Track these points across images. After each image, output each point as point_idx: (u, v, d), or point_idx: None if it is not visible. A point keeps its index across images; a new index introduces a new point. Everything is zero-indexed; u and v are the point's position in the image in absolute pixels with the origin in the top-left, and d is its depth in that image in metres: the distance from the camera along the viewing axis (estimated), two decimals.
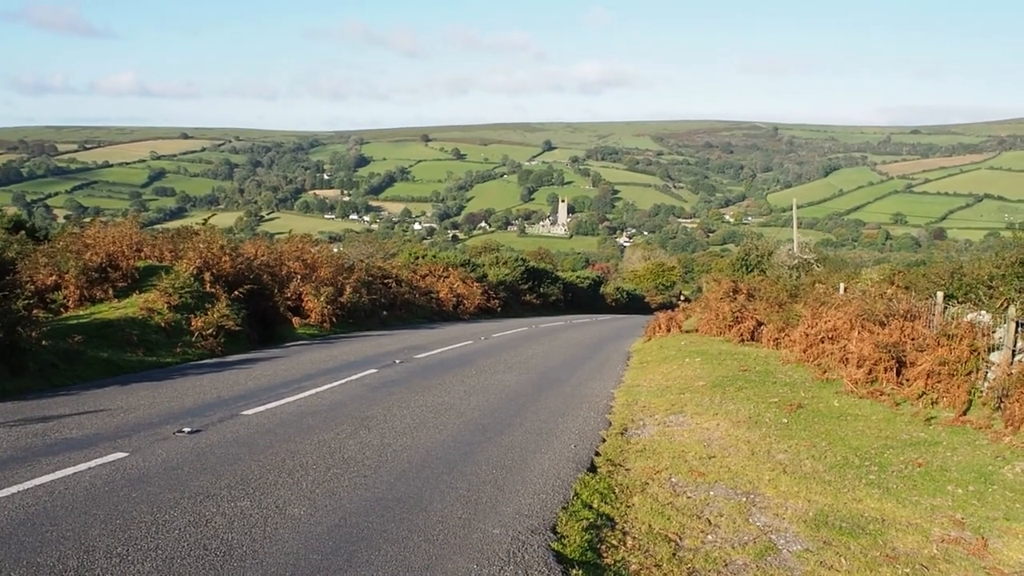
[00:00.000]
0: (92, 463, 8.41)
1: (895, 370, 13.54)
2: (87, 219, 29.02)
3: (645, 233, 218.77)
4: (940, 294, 14.87)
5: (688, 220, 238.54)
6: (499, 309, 44.16)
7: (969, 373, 12.20)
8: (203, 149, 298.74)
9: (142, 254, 22.19)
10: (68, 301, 18.92)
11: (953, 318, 13.68)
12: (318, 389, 13.60)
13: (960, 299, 15.76)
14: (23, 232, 24.01)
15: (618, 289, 71.27)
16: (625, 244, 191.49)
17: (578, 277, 65.44)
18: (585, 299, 59.30)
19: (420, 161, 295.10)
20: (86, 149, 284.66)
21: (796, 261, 45.93)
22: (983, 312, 13.46)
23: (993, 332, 12.36)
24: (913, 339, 13.96)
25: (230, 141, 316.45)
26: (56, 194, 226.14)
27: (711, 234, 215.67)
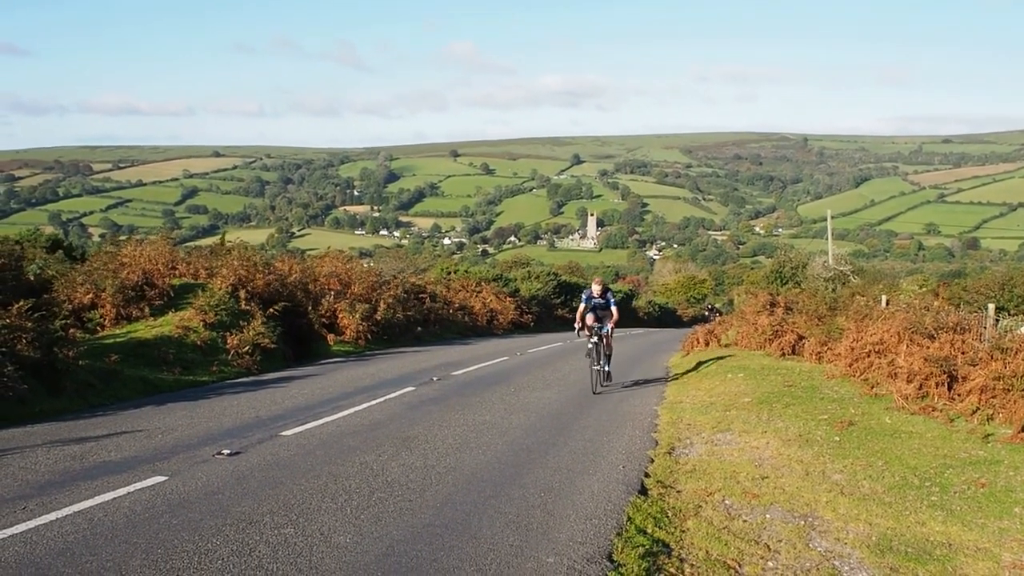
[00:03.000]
0: (131, 487, 8.25)
1: (947, 385, 13.12)
2: (123, 237, 29.20)
3: (675, 246, 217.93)
4: (991, 306, 14.46)
5: (718, 232, 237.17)
6: (532, 324, 43.96)
7: None
8: (234, 167, 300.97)
9: (177, 272, 22.20)
10: (105, 320, 18.91)
11: (1007, 331, 13.26)
12: (356, 408, 13.42)
13: (1012, 311, 15.33)
14: (60, 251, 24.15)
15: (650, 303, 70.85)
16: (655, 257, 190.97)
17: None
18: (618, 313, 58.93)
19: (449, 176, 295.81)
20: (120, 168, 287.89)
21: (832, 273, 45.35)
22: None
23: None
24: (964, 353, 13.53)
25: (261, 159, 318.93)
26: (91, 213, 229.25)
27: (741, 246, 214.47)
